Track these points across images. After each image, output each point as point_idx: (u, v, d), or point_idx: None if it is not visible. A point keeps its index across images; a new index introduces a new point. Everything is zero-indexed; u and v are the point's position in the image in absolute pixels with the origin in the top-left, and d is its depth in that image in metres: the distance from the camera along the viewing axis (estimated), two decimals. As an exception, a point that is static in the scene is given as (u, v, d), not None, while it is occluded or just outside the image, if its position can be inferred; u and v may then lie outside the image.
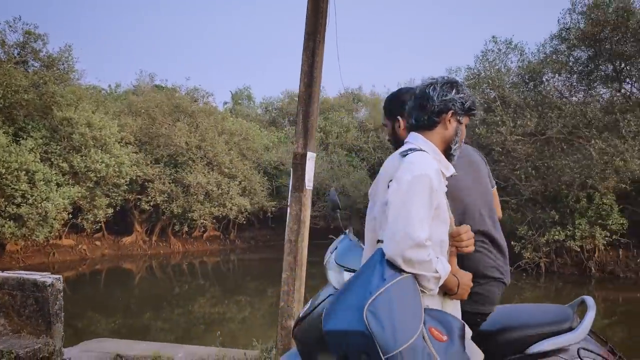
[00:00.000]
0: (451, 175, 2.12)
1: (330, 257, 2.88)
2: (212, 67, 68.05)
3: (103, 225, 20.68)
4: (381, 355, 1.69)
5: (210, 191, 20.70)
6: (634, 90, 17.92)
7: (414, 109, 2.18)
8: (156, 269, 20.38)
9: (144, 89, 23.80)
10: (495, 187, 2.85)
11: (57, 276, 4.86)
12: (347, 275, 2.70)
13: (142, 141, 21.07)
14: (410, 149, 2.03)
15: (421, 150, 2.04)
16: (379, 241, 1.99)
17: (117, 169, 18.16)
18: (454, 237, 2.08)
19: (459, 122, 2.18)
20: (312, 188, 4.71)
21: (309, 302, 2.91)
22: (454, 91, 2.16)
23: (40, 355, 4.60)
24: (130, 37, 69.59)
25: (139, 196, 20.64)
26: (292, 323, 4.60)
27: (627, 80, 17.79)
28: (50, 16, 57.57)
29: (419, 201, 1.88)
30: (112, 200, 19.22)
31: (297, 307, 4.66)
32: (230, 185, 21.32)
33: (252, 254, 24.04)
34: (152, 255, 21.92)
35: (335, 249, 2.93)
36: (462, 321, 1.96)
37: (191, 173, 20.53)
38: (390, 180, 1.98)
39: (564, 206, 17.52)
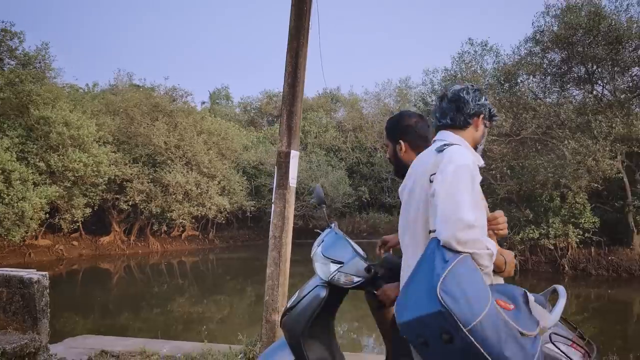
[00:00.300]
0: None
1: (316, 250, 3.00)
2: (190, 66, 67.76)
3: (80, 225, 20.52)
4: (462, 328, 1.77)
5: (189, 191, 20.68)
6: (605, 92, 18.35)
7: (449, 110, 2.34)
8: (134, 269, 20.29)
9: (122, 88, 23.66)
10: None
11: (43, 273, 4.91)
12: (333, 267, 2.85)
13: (121, 140, 20.97)
14: (446, 144, 2.19)
15: (457, 144, 2.21)
16: (431, 232, 2.11)
17: (95, 169, 18.05)
18: (490, 222, 2.25)
19: (485, 125, 2.39)
20: (295, 186, 4.84)
21: (296, 293, 3.04)
22: (483, 98, 2.37)
23: (27, 351, 4.63)
24: (108, 36, 68.93)
25: (117, 196, 20.53)
26: (276, 317, 4.73)
27: (599, 82, 18.20)
28: (26, 14, 56.70)
29: (463, 187, 2.03)
30: (90, 200, 19.09)
31: (282, 301, 4.78)
32: (210, 185, 21.34)
33: (231, 254, 24.06)
34: (130, 255, 21.82)
35: (322, 242, 3.04)
36: (523, 289, 2.11)
37: (170, 173, 20.48)
38: (433, 174, 2.12)
39: (538, 205, 17.92)
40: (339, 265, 2.87)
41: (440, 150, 2.17)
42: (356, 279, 2.84)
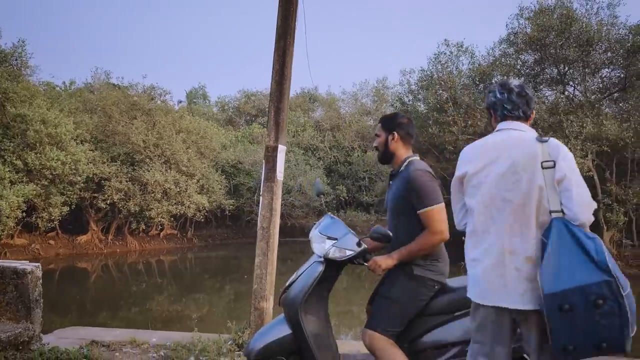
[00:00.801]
0: None
1: (314, 231, 3.38)
2: (166, 65, 67.34)
3: (57, 224, 20.36)
4: (622, 294, 2.12)
5: (168, 189, 20.68)
6: (577, 93, 18.85)
7: (521, 104, 2.59)
8: (112, 268, 20.20)
9: (100, 86, 23.54)
10: None
11: (36, 264, 5.03)
12: (329, 242, 3.21)
13: (98, 139, 20.88)
14: (542, 136, 2.50)
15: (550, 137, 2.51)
16: (551, 212, 2.34)
17: (73, 167, 17.96)
18: None
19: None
20: (282, 179, 5.04)
21: (294, 273, 3.34)
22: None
23: (21, 340, 4.75)
24: (84, 34, 68.18)
25: (95, 194, 20.43)
26: (265, 304, 4.94)
27: (570, 83, 18.70)
28: (1, 12, 55.74)
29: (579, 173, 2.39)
30: (68, 199, 18.98)
31: (270, 289, 4.98)
32: (188, 184, 21.36)
33: (210, 252, 24.09)
34: (108, 254, 21.71)
35: (319, 224, 3.43)
36: None
37: (149, 171, 20.45)
38: (545, 161, 2.36)
39: (510, 203, 18.36)
40: (334, 241, 3.22)
41: (542, 140, 2.42)
42: (349, 252, 3.18)
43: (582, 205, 2.30)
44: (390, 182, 3.41)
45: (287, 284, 3.39)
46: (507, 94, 2.59)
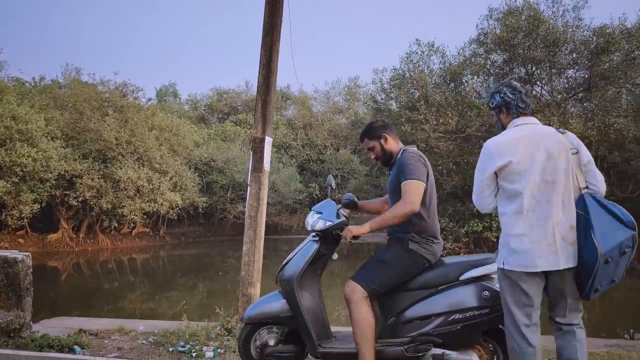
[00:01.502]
0: None
1: (310, 212, 3.78)
2: (135, 63, 66.52)
3: (27, 222, 20.08)
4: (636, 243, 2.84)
5: (140, 186, 20.58)
6: (544, 92, 19.35)
7: (529, 102, 3.13)
8: (84, 266, 19.99)
9: (71, 82, 23.24)
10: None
11: (27, 253, 5.11)
12: (316, 215, 3.67)
13: (70, 136, 20.65)
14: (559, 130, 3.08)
15: None
16: (581, 188, 2.96)
17: (44, 164, 17.75)
18: None
19: None
20: (269, 169, 5.21)
21: (291, 252, 3.66)
22: None
23: (12, 327, 4.84)
24: (53, 29, 66.81)
25: (67, 192, 20.20)
26: (252, 290, 5.11)
27: (538, 83, 19.19)
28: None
29: None
30: (38, 196, 18.74)
31: (257, 276, 5.14)
32: (161, 181, 21.29)
33: (182, 250, 24.01)
34: (79, 252, 21.49)
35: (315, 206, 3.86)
36: None
37: (121, 168, 20.32)
38: (572, 149, 2.96)
39: (481, 199, 18.78)
40: (320, 215, 3.63)
41: (562, 132, 3.02)
42: (328, 223, 3.56)
43: (602, 182, 2.99)
44: (390, 171, 3.70)
45: (283, 262, 3.65)
46: (518, 95, 3.08)
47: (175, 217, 23.54)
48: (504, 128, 3.14)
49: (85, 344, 4.99)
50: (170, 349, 4.80)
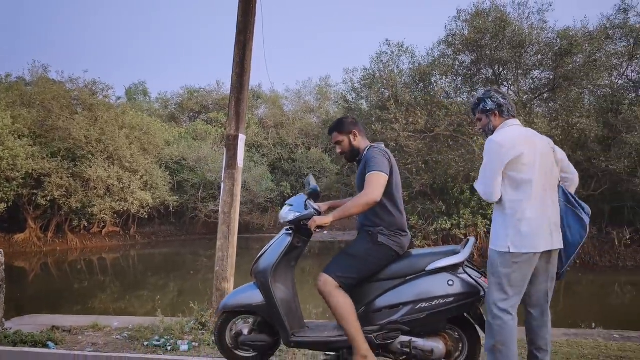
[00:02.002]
0: None
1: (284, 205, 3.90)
2: (105, 61, 65.56)
3: (-8, 221, 19.75)
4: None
5: (111, 185, 20.39)
6: (510, 92, 19.71)
7: (513, 106, 3.54)
8: (52, 266, 19.73)
9: (38, 80, 22.84)
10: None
11: (-1, 250, 5.12)
12: (287, 207, 3.81)
13: (38, 134, 20.31)
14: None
15: None
16: (560, 181, 3.45)
17: (11, 162, 17.46)
18: None
19: None
20: (242, 166, 5.32)
21: (266, 245, 3.80)
22: None
23: (-15, 324, 4.85)
24: (20, 25, 65.33)
25: (34, 191, 19.89)
26: (226, 285, 5.21)
27: (505, 83, 19.56)
28: None
29: None
30: (5, 195, 18.42)
31: (231, 270, 5.25)
32: (132, 180, 21.12)
33: (153, 249, 23.84)
34: (47, 252, 21.18)
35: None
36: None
37: (91, 167, 20.09)
38: (551, 147, 3.43)
39: (450, 197, 19.12)
40: (290, 206, 3.78)
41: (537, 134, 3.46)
42: (297, 214, 3.70)
43: (576, 173, 3.58)
44: (358, 168, 3.86)
45: (258, 255, 3.79)
46: (507, 99, 3.50)
47: (146, 216, 23.34)
48: (493, 130, 3.46)
49: (59, 340, 5.03)
50: (145, 343, 4.87)
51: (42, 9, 70.32)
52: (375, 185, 3.48)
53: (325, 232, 26.68)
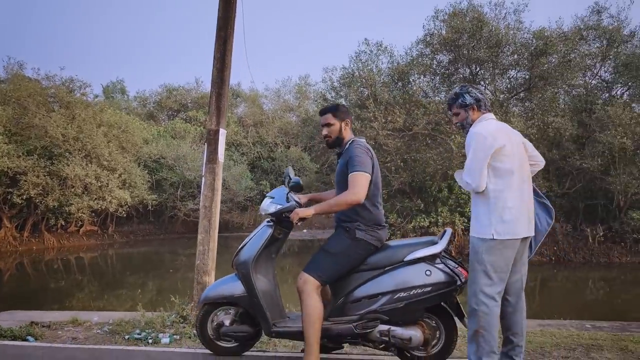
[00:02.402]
0: None
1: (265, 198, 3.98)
2: (82, 59, 64.74)
3: (-34, 221, 19.41)
4: None
5: (89, 184, 20.18)
6: (487, 91, 20.01)
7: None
8: (28, 266, 19.44)
9: (13, 77, 22.48)
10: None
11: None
12: (268, 200, 3.90)
13: (13, 132, 20.00)
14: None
15: None
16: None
17: (-15, 161, 17.20)
18: None
19: None
20: (223, 161, 5.36)
21: (247, 237, 3.86)
22: None
23: (-37, 319, 4.82)
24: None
25: (10, 189, 19.60)
26: (207, 278, 5.24)
27: (482, 83, 19.81)
28: None
29: None
30: (-21, 194, 18.15)
31: (212, 264, 5.28)
32: (110, 178, 20.93)
33: (131, 249, 23.65)
34: (23, 251, 20.87)
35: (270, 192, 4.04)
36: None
37: (68, 165, 19.87)
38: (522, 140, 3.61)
39: (428, 195, 19.30)
40: (272, 199, 3.88)
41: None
42: (279, 206, 3.80)
43: (544, 161, 3.75)
44: (338, 161, 3.93)
45: (239, 247, 3.84)
46: (484, 94, 3.63)
47: (124, 215, 23.16)
48: (471, 123, 3.57)
49: (38, 335, 5.02)
50: (127, 337, 4.88)
51: (16, 5, 69.20)
52: (360, 186, 3.56)
53: (305, 230, 26.75)
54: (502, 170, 3.38)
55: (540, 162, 3.72)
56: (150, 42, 74.36)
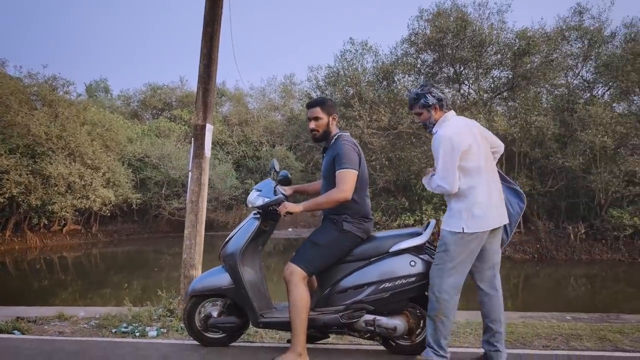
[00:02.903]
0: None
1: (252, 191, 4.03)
2: (65, 58, 64.14)
3: (-54, 221, 19.15)
4: None
5: (72, 183, 20.03)
6: (471, 91, 20.24)
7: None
8: (10, 266, 19.25)
9: (-5, 75, 22.23)
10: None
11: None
12: (256, 192, 3.96)
13: (-6, 130, 19.80)
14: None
15: None
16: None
17: (-34, 159, 16.99)
18: None
19: None
20: (210, 156, 5.39)
21: (234, 230, 3.93)
22: None
23: (-51, 313, 4.80)
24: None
25: (-9, 189, 19.38)
26: (194, 272, 5.28)
27: (465, 82, 20.05)
28: None
29: None
30: (-40, 194, 17.93)
31: (198, 259, 5.32)
32: (94, 177, 20.78)
33: (116, 248, 23.51)
34: (5, 251, 20.65)
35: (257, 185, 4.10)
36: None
37: (51, 164, 19.70)
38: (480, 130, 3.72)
39: (413, 194, 19.46)
40: (259, 192, 3.93)
41: None
42: (266, 199, 3.86)
43: (502, 145, 3.85)
44: (324, 155, 4.01)
45: (226, 239, 3.90)
46: (445, 94, 3.75)
47: (108, 214, 22.99)
48: (434, 123, 3.67)
49: (25, 330, 5.02)
50: (114, 331, 4.91)
51: (-2, 3, 68.30)
52: (347, 183, 3.64)
53: (290, 229, 26.78)
54: (471, 169, 3.51)
55: (500, 147, 3.81)
56: (133, 41, 73.90)
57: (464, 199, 3.51)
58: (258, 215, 3.92)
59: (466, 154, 3.48)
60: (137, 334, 4.76)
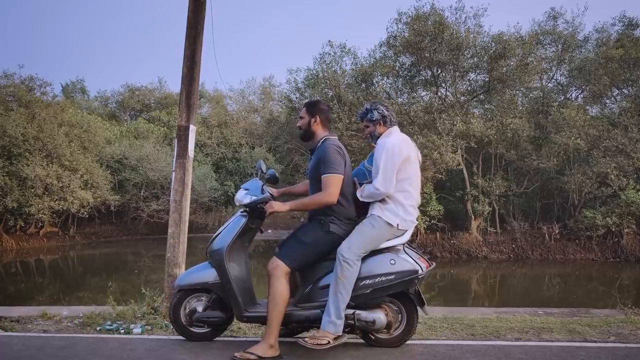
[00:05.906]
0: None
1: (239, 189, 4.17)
2: (41, 58, 63.35)
3: None
4: None
5: (49, 184, 19.86)
6: (448, 94, 20.56)
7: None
8: (-15, 269, 19.04)
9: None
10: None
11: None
12: (243, 191, 4.10)
13: (-31, 132, 19.56)
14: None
15: None
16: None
17: (-59, 161, 16.76)
18: None
19: None
20: (193, 156, 5.49)
21: (221, 226, 4.06)
22: None
23: None
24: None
25: (-34, 191, 19.15)
26: (178, 271, 5.37)
27: (443, 85, 20.36)
28: None
29: None
30: None
31: (182, 257, 5.41)
32: (72, 179, 20.62)
33: (93, 250, 23.32)
34: (-20, 254, 20.39)
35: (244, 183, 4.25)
36: None
37: (28, 165, 19.53)
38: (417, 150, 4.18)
39: (391, 195, 19.65)
40: (247, 190, 4.08)
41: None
42: (254, 197, 4.01)
43: None
44: (310, 157, 4.17)
45: (213, 235, 4.03)
46: (390, 111, 4.15)
47: (86, 216, 22.81)
48: (378, 136, 4.08)
49: (8, 329, 5.05)
50: (98, 328, 4.96)
51: (-29, 3, 67.16)
52: (333, 187, 3.81)
53: (270, 231, 26.82)
54: (406, 176, 3.94)
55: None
56: (111, 41, 73.19)
57: (399, 201, 3.92)
58: (245, 213, 4.06)
59: (406, 162, 3.92)
60: (122, 332, 4.83)
